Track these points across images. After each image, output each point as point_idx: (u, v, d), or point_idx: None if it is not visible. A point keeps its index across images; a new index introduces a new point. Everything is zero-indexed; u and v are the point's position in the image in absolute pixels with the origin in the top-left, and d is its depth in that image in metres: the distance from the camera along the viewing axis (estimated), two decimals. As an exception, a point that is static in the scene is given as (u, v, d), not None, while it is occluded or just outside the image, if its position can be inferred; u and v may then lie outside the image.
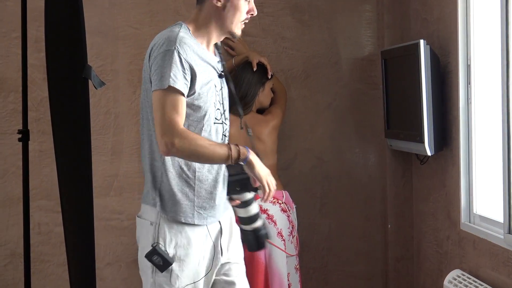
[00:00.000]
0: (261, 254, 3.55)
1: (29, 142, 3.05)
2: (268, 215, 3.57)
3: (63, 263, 3.87)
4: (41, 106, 3.85)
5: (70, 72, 2.67)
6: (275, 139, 3.72)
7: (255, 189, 2.67)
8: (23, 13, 3.01)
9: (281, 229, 3.58)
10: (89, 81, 2.75)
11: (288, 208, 3.66)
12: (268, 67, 3.72)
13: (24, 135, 3.01)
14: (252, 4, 2.67)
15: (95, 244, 2.83)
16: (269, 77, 3.73)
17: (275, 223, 3.57)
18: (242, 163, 2.59)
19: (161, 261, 2.56)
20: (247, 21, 2.70)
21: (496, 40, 2.99)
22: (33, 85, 3.83)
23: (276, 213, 3.59)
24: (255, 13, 2.68)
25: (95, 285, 2.82)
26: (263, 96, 3.74)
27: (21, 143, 3.02)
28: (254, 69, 3.69)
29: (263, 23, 4.04)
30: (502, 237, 2.97)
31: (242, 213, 2.70)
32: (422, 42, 3.37)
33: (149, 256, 2.58)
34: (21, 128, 3.03)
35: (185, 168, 2.62)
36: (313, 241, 4.15)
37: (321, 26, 4.11)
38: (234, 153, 2.55)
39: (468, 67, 3.33)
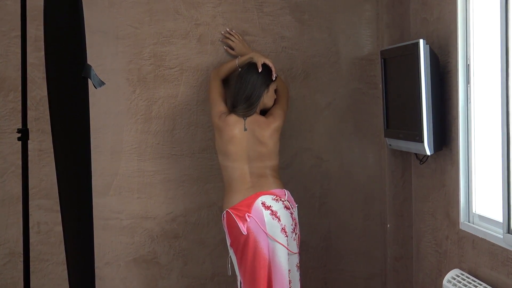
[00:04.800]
0: (265, 249, 3.56)
1: (29, 141, 3.05)
2: (272, 211, 3.59)
3: (62, 262, 3.87)
4: (41, 105, 3.85)
5: (69, 71, 2.67)
6: (277, 141, 3.73)
7: None
8: (22, 12, 3.00)
9: (285, 225, 3.60)
10: (89, 80, 2.74)
11: (290, 205, 3.67)
12: (273, 68, 3.72)
13: (24, 134, 3.01)
14: None
15: (94, 243, 2.82)
16: (274, 78, 3.74)
17: (279, 219, 3.59)
18: None
19: None
20: None
21: (495, 39, 2.99)
22: (33, 84, 3.83)
23: (280, 210, 3.60)
24: None
25: (94, 284, 2.81)
26: (267, 98, 3.74)
27: (20, 142, 3.01)
28: (259, 70, 3.69)
29: (263, 22, 4.04)
30: (501, 236, 2.96)
31: None
32: (421, 41, 3.37)
33: None
34: (20, 127, 3.03)
35: None
36: (312, 240, 4.15)
37: (321, 26, 4.11)
38: None
39: (467, 66, 3.33)
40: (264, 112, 3.79)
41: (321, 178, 4.16)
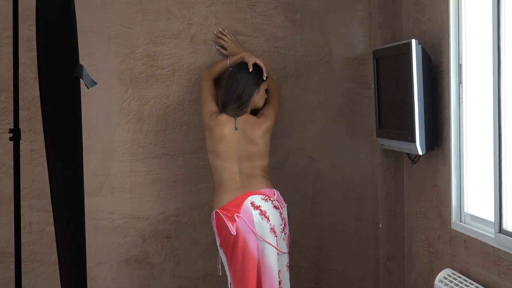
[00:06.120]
0: (253, 249, 3.56)
1: (21, 141, 3.04)
2: (261, 211, 3.59)
3: (54, 263, 3.86)
4: (33, 105, 3.84)
5: (61, 71, 2.66)
6: (268, 141, 3.73)
7: None
8: (14, 12, 2.99)
9: (274, 225, 3.60)
10: (81, 80, 2.74)
11: (280, 205, 3.67)
12: (264, 68, 3.72)
13: (15, 134, 3.00)
14: None
15: (86, 243, 2.82)
16: (264, 78, 3.74)
17: (268, 219, 3.59)
18: None
19: None
20: None
21: (487, 39, 3.00)
22: (25, 84, 3.82)
23: (269, 210, 3.60)
24: None
25: (86, 284, 2.81)
26: (258, 98, 3.74)
27: (12, 142, 3.01)
28: (250, 70, 3.69)
29: (255, 22, 4.04)
30: (492, 236, 2.97)
31: None
32: (413, 41, 3.37)
33: None
34: (12, 127, 3.02)
35: None
36: (305, 240, 4.15)
37: (313, 26, 4.11)
38: None
39: (459, 66, 3.34)
40: (255, 112, 3.79)
41: (313, 178, 4.16)
